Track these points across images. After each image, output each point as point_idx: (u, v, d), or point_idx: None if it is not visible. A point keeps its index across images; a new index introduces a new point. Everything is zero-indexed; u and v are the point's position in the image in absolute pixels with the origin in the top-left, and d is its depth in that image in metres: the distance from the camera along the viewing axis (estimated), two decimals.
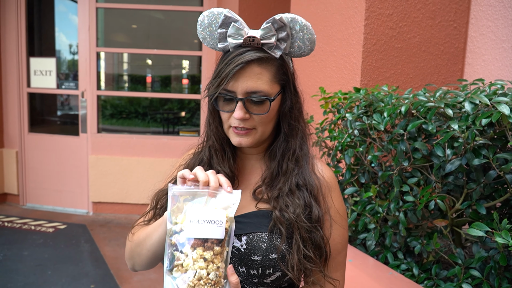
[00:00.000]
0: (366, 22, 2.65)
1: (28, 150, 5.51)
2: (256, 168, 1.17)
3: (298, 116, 1.13)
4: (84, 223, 4.97)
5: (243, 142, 1.06)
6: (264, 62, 1.03)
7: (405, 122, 1.90)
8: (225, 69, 1.01)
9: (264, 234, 1.04)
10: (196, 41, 5.43)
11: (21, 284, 3.40)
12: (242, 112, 1.02)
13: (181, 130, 5.61)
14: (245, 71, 1.01)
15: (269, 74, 1.03)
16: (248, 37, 1.01)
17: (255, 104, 1.03)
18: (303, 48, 1.07)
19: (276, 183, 1.09)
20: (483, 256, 1.71)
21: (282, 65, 1.07)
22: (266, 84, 1.03)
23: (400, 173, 1.96)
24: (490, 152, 1.61)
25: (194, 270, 0.86)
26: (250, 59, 1.00)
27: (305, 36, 1.04)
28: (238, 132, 1.06)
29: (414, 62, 2.79)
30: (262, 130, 1.07)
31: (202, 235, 0.87)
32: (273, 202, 1.06)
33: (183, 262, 0.87)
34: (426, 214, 1.94)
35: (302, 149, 1.13)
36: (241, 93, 1.02)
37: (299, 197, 1.07)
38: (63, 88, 5.41)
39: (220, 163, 1.13)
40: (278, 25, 1.01)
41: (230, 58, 1.02)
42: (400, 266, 2.01)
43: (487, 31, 2.72)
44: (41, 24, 5.62)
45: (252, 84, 1.01)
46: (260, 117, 1.04)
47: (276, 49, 1.03)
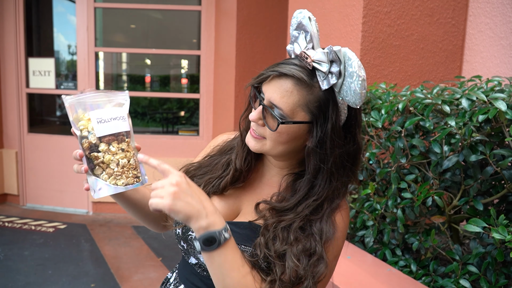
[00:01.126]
0: (364, 20, 2.65)
1: (28, 151, 5.52)
2: (274, 181, 1.09)
3: (339, 164, 0.99)
4: (84, 222, 4.98)
5: (250, 144, 1.02)
6: (301, 84, 0.94)
7: (402, 119, 1.91)
8: (268, 70, 0.97)
9: (247, 248, 0.99)
10: (195, 40, 5.43)
11: (22, 283, 3.41)
12: (257, 116, 0.99)
13: (180, 129, 5.61)
14: (277, 81, 0.95)
15: (299, 98, 0.95)
16: (303, 52, 0.95)
17: (271, 116, 0.97)
18: (348, 97, 0.94)
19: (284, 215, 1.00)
20: (481, 252, 1.72)
21: (323, 99, 0.95)
22: (289, 105, 0.95)
23: (398, 170, 1.97)
24: (487, 148, 1.61)
25: (117, 161, 0.96)
26: (288, 73, 0.94)
27: (352, 84, 0.91)
28: (250, 132, 1.03)
29: (412, 60, 2.80)
30: (270, 145, 1.00)
31: (113, 130, 0.96)
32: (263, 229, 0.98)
33: (103, 159, 0.96)
34: (424, 210, 1.95)
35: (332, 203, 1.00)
36: (266, 99, 0.97)
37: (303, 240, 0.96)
38: (62, 88, 5.41)
39: (238, 152, 1.09)
40: (333, 56, 0.92)
41: (279, 62, 0.98)
42: (398, 262, 2.01)
43: (485, 28, 2.72)
44: (40, 24, 5.62)
45: (276, 97, 0.95)
46: (270, 131, 0.98)
47: (325, 80, 0.93)
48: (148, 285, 3.48)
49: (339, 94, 0.95)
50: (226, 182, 1.08)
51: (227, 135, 1.25)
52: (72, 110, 0.96)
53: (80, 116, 0.97)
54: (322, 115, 0.96)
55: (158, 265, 3.87)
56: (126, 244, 4.34)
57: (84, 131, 0.96)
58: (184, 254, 1.12)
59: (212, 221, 0.87)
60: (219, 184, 1.08)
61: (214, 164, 1.14)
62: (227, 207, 1.08)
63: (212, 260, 0.88)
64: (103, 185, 0.97)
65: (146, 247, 4.29)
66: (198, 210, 0.86)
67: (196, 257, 1.07)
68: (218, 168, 1.12)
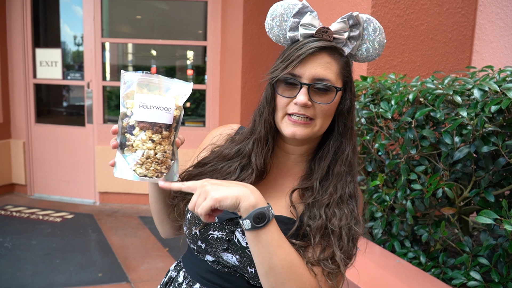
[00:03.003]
0: (373, 10, 2.62)
1: (35, 141, 5.54)
2: (289, 169, 1.13)
3: (353, 120, 1.10)
4: (91, 212, 5.00)
5: (298, 133, 1.01)
6: (335, 53, 1.01)
7: (412, 110, 1.89)
8: (296, 52, 0.99)
9: None
10: (200, 31, 5.41)
11: (30, 272, 3.44)
12: (306, 97, 0.98)
13: (186, 120, 5.60)
14: (315, 57, 0.99)
15: (337, 66, 1.02)
16: (322, 28, 0.99)
17: (320, 93, 1.00)
18: (370, 51, 1.05)
19: (327, 185, 1.04)
20: (491, 244, 1.70)
21: (347, 63, 1.05)
22: (334, 74, 1.01)
23: (407, 161, 1.95)
24: (499, 139, 1.59)
25: (143, 150, 0.95)
26: (323, 45, 0.99)
27: (376, 38, 1.03)
28: (295, 121, 1.01)
29: (421, 50, 2.77)
30: (320, 123, 1.03)
31: (150, 119, 0.94)
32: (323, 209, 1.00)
33: (133, 143, 0.95)
34: (433, 202, 1.93)
35: (354, 155, 1.09)
36: (308, 79, 0.99)
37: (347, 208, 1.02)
38: (68, 78, 5.41)
39: (258, 153, 1.08)
40: (353, 21, 1.00)
41: (301, 44, 1.00)
42: (407, 254, 2.01)
43: (495, 18, 2.68)
44: (46, 15, 5.61)
45: (321, 71, 0.99)
46: (322, 107, 1.01)
47: (345, 46, 1.02)
48: (155, 275, 3.50)
49: (355, 55, 1.06)
50: (250, 178, 1.07)
51: (222, 128, 1.25)
52: (126, 86, 0.96)
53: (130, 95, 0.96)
54: (349, 78, 1.06)
55: (164, 255, 3.89)
56: (133, 234, 4.36)
57: (128, 111, 0.96)
58: (197, 253, 1.11)
59: (258, 198, 0.90)
60: None
61: (220, 168, 1.11)
62: None
63: (259, 239, 0.90)
64: (125, 167, 0.96)
65: (152, 237, 4.31)
66: (242, 190, 0.89)
67: (216, 255, 1.06)
68: (229, 171, 1.09)
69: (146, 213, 4.99)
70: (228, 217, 1.05)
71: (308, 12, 1.02)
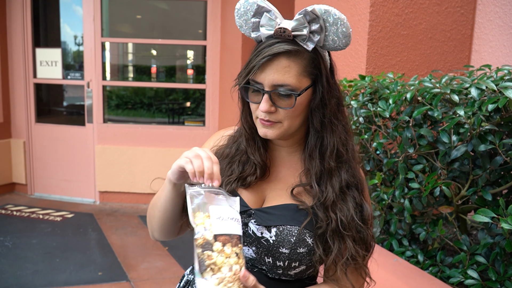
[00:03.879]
0: (371, 9, 2.62)
1: (36, 140, 5.55)
2: (287, 161, 1.15)
3: (335, 111, 1.07)
4: (91, 212, 5.01)
5: (269, 134, 1.04)
6: (293, 55, 0.99)
7: (410, 108, 1.90)
8: (254, 60, 1.00)
9: (294, 227, 1.04)
10: (200, 31, 5.41)
11: (30, 271, 3.45)
12: (268, 105, 1.00)
13: (186, 120, 5.61)
14: (272, 63, 0.99)
15: (297, 67, 1.00)
16: (279, 29, 0.99)
17: (282, 98, 1.01)
18: (337, 42, 1.02)
19: (324, 184, 1.06)
20: (489, 242, 1.71)
21: (314, 58, 1.02)
22: (293, 77, 0.99)
23: (405, 160, 1.96)
24: (496, 138, 1.60)
25: (230, 266, 0.87)
26: (278, 51, 0.98)
27: (339, 29, 1.00)
28: (264, 123, 1.04)
29: (420, 49, 2.77)
30: (288, 124, 1.04)
31: (228, 231, 0.89)
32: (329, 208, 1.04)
33: (216, 260, 0.86)
34: (431, 201, 1.94)
35: (345, 144, 1.08)
36: (268, 86, 1.00)
37: (350, 198, 1.05)
38: (68, 78, 5.42)
39: (252, 152, 1.12)
40: (310, 17, 0.98)
41: (259, 49, 1.00)
42: (405, 253, 2.01)
43: (494, 17, 2.69)
44: (46, 15, 5.62)
45: (278, 77, 0.99)
46: (286, 111, 1.02)
47: (308, 41, 1.00)
48: (155, 274, 3.51)
49: (324, 45, 1.03)
50: (256, 178, 1.11)
51: (223, 131, 1.27)
52: (192, 200, 0.93)
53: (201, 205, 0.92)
54: (319, 72, 1.03)
55: (164, 255, 3.90)
56: (133, 234, 4.37)
57: (199, 227, 0.90)
58: None
59: None
60: (249, 181, 1.10)
61: (224, 167, 1.14)
62: (254, 195, 1.11)
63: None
64: None
65: None
66: None
67: None
68: (233, 168, 1.13)
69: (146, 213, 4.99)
70: (240, 210, 1.05)
71: (264, 12, 1.00)
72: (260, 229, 1.05)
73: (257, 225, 1.05)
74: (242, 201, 1.07)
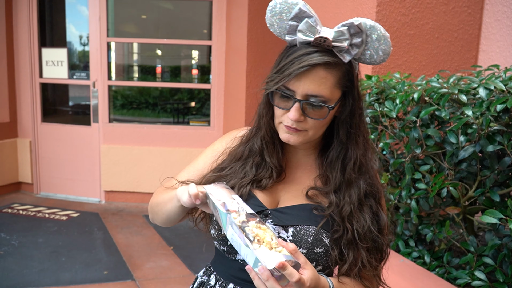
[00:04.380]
0: (378, 9, 2.61)
1: (42, 140, 5.57)
2: (302, 163, 1.15)
3: (359, 122, 1.07)
4: (97, 211, 5.03)
5: (292, 140, 1.04)
6: (331, 66, 0.97)
7: (417, 109, 1.89)
8: (289, 67, 0.97)
9: (311, 227, 1.03)
10: (205, 31, 5.41)
11: (36, 270, 3.46)
12: (298, 113, 0.99)
13: (191, 120, 5.61)
14: (310, 73, 0.96)
15: (333, 79, 0.98)
16: (319, 37, 0.95)
17: (313, 108, 0.99)
18: (374, 58, 1.01)
19: (342, 194, 1.06)
20: (496, 243, 1.70)
21: (349, 70, 1.02)
22: (328, 89, 0.98)
23: (412, 160, 1.95)
24: (505, 138, 1.59)
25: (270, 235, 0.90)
26: (317, 62, 0.95)
27: (380, 46, 0.99)
28: (289, 130, 1.03)
29: (427, 49, 2.76)
30: (313, 132, 1.04)
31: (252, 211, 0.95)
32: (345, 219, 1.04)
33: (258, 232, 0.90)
34: (438, 201, 1.93)
35: (365, 155, 1.08)
36: (301, 95, 0.98)
37: (367, 208, 1.05)
38: (74, 78, 5.44)
39: (269, 155, 1.11)
40: (354, 30, 0.96)
41: (296, 56, 0.97)
42: (411, 253, 2.00)
43: (502, 17, 2.67)
44: (52, 15, 5.64)
45: (314, 87, 0.97)
46: (314, 121, 1.01)
47: (346, 53, 0.98)
48: (160, 273, 3.51)
49: (359, 58, 1.02)
50: (272, 180, 1.10)
51: (235, 132, 1.26)
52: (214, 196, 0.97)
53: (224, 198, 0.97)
54: (351, 84, 1.03)
55: (169, 254, 3.90)
56: (138, 233, 4.38)
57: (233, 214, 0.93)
58: (228, 254, 1.11)
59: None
60: (264, 184, 1.10)
61: (237, 169, 1.13)
62: (268, 196, 1.10)
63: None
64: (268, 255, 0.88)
65: (157, 236, 4.33)
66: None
67: None
68: (245, 170, 1.12)
69: None
70: (257, 210, 1.06)
71: (305, 17, 0.97)
72: (277, 229, 1.04)
73: (274, 225, 1.05)
74: (257, 201, 1.07)
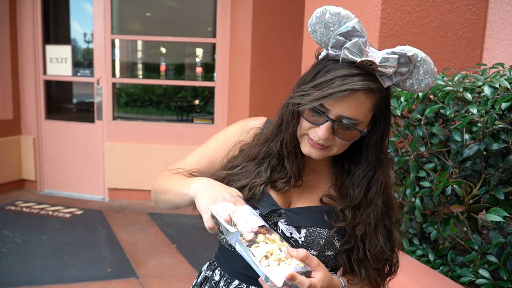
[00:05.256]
0: (383, 7, 2.61)
1: (45, 137, 5.59)
2: (317, 168, 1.14)
3: (387, 147, 1.07)
4: (100, 209, 5.04)
5: (313, 154, 1.02)
6: (372, 92, 0.96)
7: (422, 107, 1.88)
8: (330, 85, 0.93)
9: (323, 230, 1.04)
10: (210, 28, 5.41)
11: (40, 267, 3.48)
12: (328, 133, 0.97)
13: (195, 117, 5.62)
14: (350, 96, 0.94)
15: (370, 104, 0.97)
16: (366, 60, 0.93)
17: (343, 129, 0.98)
18: (415, 87, 0.99)
19: (359, 212, 1.05)
20: (501, 241, 1.69)
21: (386, 96, 1.00)
22: (363, 113, 0.97)
23: (416, 158, 1.94)
24: (509, 136, 1.58)
25: (278, 247, 0.89)
26: (361, 88, 0.92)
27: (425, 79, 0.97)
28: (312, 145, 1.01)
29: (431, 48, 2.75)
30: (337, 150, 1.02)
31: (259, 223, 0.92)
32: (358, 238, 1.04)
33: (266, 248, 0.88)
34: (442, 200, 1.92)
35: (387, 175, 1.08)
36: (335, 115, 0.95)
37: (382, 228, 1.06)
38: (78, 75, 5.45)
39: (290, 163, 1.09)
40: (404, 60, 0.94)
41: (338, 76, 0.93)
42: (415, 252, 2.00)
43: (507, 16, 2.66)
44: (56, 12, 5.66)
45: (351, 111, 0.95)
46: (341, 141, 1.00)
47: (388, 79, 0.96)
48: (163, 271, 3.52)
49: (398, 84, 0.99)
50: (288, 185, 1.09)
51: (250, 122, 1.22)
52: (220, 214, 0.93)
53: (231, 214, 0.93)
54: (386, 110, 1.02)
55: (173, 252, 3.91)
56: (142, 231, 4.39)
57: (236, 234, 0.91)
58: (233, 250, 1.10)
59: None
60: (279, 187, 1.09)
61: (250, 169, 1.11)
62: (281, 196, 1.10)
63: None
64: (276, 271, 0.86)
65: (161, 233, 4.34)
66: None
67: None
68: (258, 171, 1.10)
69: (155, 210, 5.02)
70: (270, 209, 1.05)
71: (357, 37, 0.94)
72: (289, 229, 1.04)
73: (287, 225, 1.04)
74: (272, 200, 1.07)
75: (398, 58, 0.93)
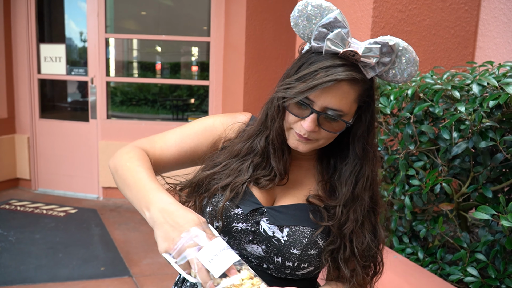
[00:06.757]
0: (374, 5, 2.61)
1: (40, 136, 5.57)
2: (302, 165, 1.14)
3: (373, 139, 1.07)
4: (95, 207, 5.03)
5: (300, 148, 1.01)
6: (355, 82, 0.95)
7: (411, 105, 1.88)
8: (314, 77, 0.93)
9: (306, 229, 1.02)
10: (205, 27, 5.40)
11: (33, 266, 3.47)
12: (313, 125, 0.96)
13: (190, 116, 5.62)
14: (334, 87, 0.93)
15: (355, 94, 0.97)
16: (349, 51, 0.92)
17: (328, 120, 0.98)
18: (398, 78, 0.99)
19: (346, 210, 1.04)
20: (489, 239, 1.70)
21: (370, 86, 1.00)
22: (348, 104, 0.96)
23: (406, 156, 1.94)
24: (497, 134, 1.58)
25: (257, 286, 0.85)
26: (345, 78, 0.92)
27: (407, 69, 0.98)
28: (300, 138, 1.00)
29: (423, 46, 2.75)
30: (323, 142, 1.02)
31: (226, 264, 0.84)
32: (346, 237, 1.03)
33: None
34: (432, 198, 1.93)
35: (374, 170, 1.08)
36: (320, 107, 0.95)
37: (368, 224, 1.06)
38: (72, 74, 5.44)
39: (277, 160, 1.07)
40: (386, 49, 0.94)
41: (322, 67, 0.93)
42: (405, 250, 2.00)
43: (499, 14, 2.66)
44: (51, 10, 5.63)
45: (335, 102, 0.95)
46: (328, 132, 0.99)
47: (371, 69, 0.96)
48: (157, 270, 3.52)
49: (381, 75, 0.99)
50: (272, 183, 1.08)
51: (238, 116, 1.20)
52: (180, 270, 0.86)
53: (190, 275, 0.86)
54: (370, 100, 1.02)
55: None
56: (136, 229, 4.38)
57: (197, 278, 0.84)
58: None
59: None
60: (263, 184, 1.07)
61: (232, 167, 1.09)
62: (265, 194, 1.08)
63: None
64: None
65: None
66: None
67: (239, 247, 1.06)
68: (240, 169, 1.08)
69: None
70: (252, 207, 1.04)
71: (339, 27, 0.93)
72: (272, 228, 1.03)
73: (269, 224, 1.03)
74: (254, 198, 1.05)
75: (381, 47, 0.93)
